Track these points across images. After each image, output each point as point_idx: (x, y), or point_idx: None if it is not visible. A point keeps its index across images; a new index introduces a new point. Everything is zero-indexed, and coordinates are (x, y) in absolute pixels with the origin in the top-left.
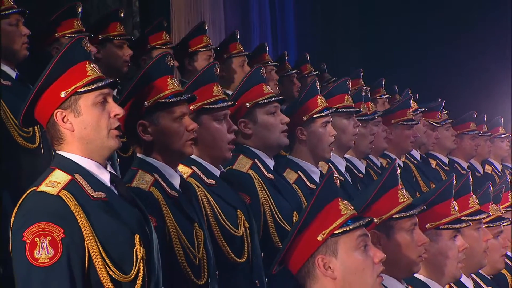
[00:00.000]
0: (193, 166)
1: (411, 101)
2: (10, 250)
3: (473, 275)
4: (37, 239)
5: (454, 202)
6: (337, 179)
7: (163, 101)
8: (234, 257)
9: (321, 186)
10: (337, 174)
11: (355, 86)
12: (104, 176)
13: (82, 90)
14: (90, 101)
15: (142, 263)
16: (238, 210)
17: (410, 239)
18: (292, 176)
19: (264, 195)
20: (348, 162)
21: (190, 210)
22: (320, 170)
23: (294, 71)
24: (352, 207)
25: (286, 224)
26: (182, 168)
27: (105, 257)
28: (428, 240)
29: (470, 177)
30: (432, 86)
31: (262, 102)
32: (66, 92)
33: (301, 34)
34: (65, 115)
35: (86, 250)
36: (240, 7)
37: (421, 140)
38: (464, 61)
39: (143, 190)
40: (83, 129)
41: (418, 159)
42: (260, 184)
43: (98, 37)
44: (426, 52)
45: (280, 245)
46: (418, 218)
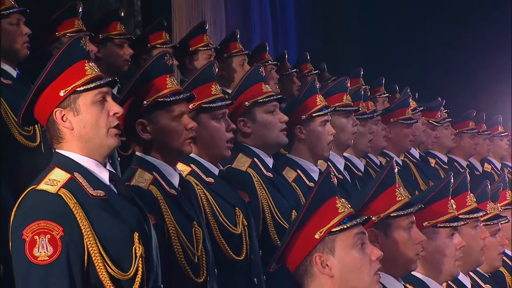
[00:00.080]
0: (192, 165)
1: (410, 100)
2: (10, 248)
3: (471, 273)
4: (36, 237)
5: (452, 200)
6: (334, 178)
7: (162, 100)
8: (233, 255)
9: (318, 184)
10: (335, 172)
11: (355, 85)
12: (103, 174)
13: (81, 89)
14: (89, 99)
15: (141, 261)
16: (237, 208)
17: (408, 237)
18: (291, 174)
19: (263, 194)
20: (347, 160)
21: (189, 208)
22: (319, 169)
23: (294, 70)
24: (349, 205)
25: (285, 222)
26: (181, 166)
27: (104, 255)
28: (425, 238)
29: (468, 175)
30: (432, 86)
31: (261, 101)
32: (65, 91)
33: (301, 34)
34: (64, 114)
35: (85, 248)
36: (241, 7)
37: (420, 139)
38: (464, 61)
39: (142, 189)
40: (82, 127)
41: (417, 158)
42: (259, 182)
43: (99, 36)
44: (426, 52)
45: (279, 243)
46: (416, 216)
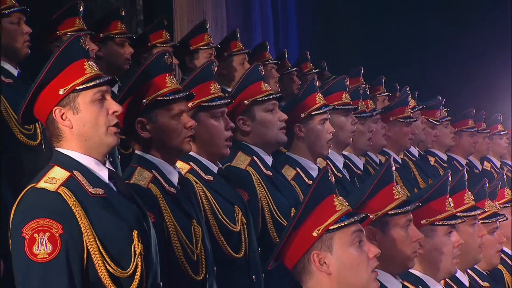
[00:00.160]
0: (191, 163)
1: (409, 98)
2: (10, 246)
3: (469, 271)
4: (36, 235)
5: (450, 198)
6: (332, 176)
7: (162, 98)
8: (232, 252)
9: (316, 182)
10: (334, 171)
11: (355, 84)
12: (102, 172)
13: (81, 87)
14: (89, 98)
15: (140, 259)
16: (236, 206)
17: (405, 235)
18: (290, 172)
19: (262, 192)
20: (346, 159)
21: (188, 206)
22: (318, 167)
23: (294, 69)
24: (347, 203)
25: (284, 220)
26: (180, 164)
27: (103, 252)
28: (422, 236)
29: (466, 173)
30: (432, 86)
31: (260, 99)
32: (65, 89)
33: (302, 33)
34: (63, 112)
35: (85, 246)
36: (242, 6)
37: (419, 137)
38: (464, 61)
39: (142, 187)
40: (82, 126)
41: (417, 156)
42: (258, 180)
43: (100, 35)
44: (426, 52)
45: (278, 241)
46: (414, 215)
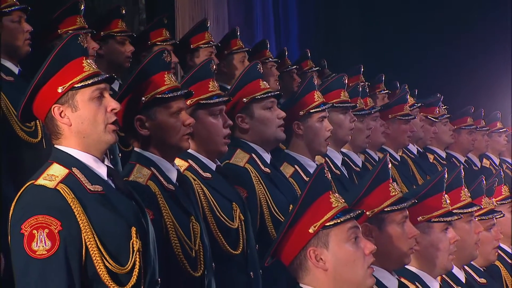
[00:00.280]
0: (189, 160)
1: (408, 96)
2: (9, 243)
3: (466, 267)
4: (35, 232)
5: (446, 195)
6: (328, 173)
7: (160, 96)
8: (230, 249)
9: (312, 179)
10: (333, 168)
11: (356, 82)
12: (101, 169)
13: (79, 85)
14: (87, 96)
15: (138, 255)
16: (234, 203)
17: (401, 232)
18: (289, 170)
19: (260, 189)
20: (345, 156)
21: (187, 203)
22: (316, 164)
23: (294, 67)
24: (343, 200)
25: (283, 217)
26: (178, 161)
27: (102, 249)
28: (418, 232)
29: (462, 170)
30: (432, 86)
31: (259, 97)
32: (63, 87)
33: (303, 31)
34: (62, 110)
35: (83, 243)
36: (243, 5)
37: (418, 134)
38: (464, 61)
39: (141, 184)
40: (80, 123)
41: (415, 154)
42: (257, 178)
43: (101, 33)
44: (426, 52)
45: None
46: (410, 211)
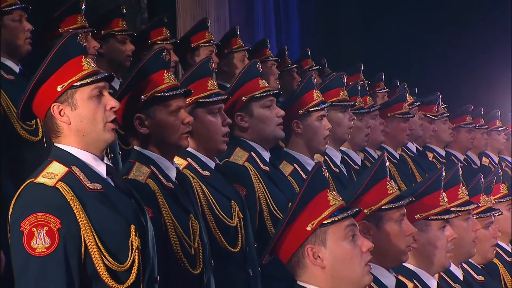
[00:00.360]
0: (188, 158)
1: (407, 94)
2: (9, 240)
3: (464, 265)
4: (34, 229)
5: (444, 193)
6: (325, 171)
7: (160, 95)
8: (228, 247)
9: (309, 177)
10: (332, 166)
11: (355, 81)
12: (100, 168)
13: (78, 84)
14: (86, 94)
15: (137, 253)
16: (232, 201)
17: (399, 229)
18: (288, 168)
19: (260, 187)
20: (344, 154)
21: (186, 201)
22: (315, 162)
23: (294, 66)
24: (340, 198)
25: (281, 215)
26: (177, 160)
27: (101, 247)
28: (416, 230)
29: (460, 168)
30: (432, 86)
31: (258, 96)
32: (62, 86)
33: (304, 30)
34: (61, 109)
35: (82, 240)
36: (244, 4)
37: (417, 133)
38: (464, 61)
39: (140, 182)
40: (80, 122)
41: (414, 152)
42: (256, 176)
43: (101, 32)
44: (426, 52)
45: None
46: (408, 209)
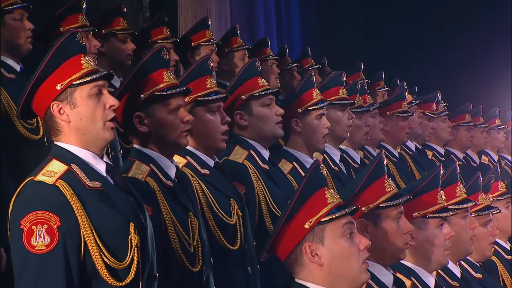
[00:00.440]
0: (187, 157)
1: (406, 93)
2: (9, 238)
3: (462, 262)
4: (34, 227)
5: (441, 191)
6: (323, 169)
7: (159, 93)
8: (227, 244)
9: (307, 175)
10: (331, 164)
11: (355, 79)
12: (100, 166)
13: (77, 82)
14: (85, 93)
15: (136, 251)
16: (232, 199)
17: (396, 227)
18: (287, 166)
19: (259, 185)
20: (343, 152)
21: (185, 199)
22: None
23: (294, 65)
24: (338, 196)
25: (281, 213)
26: (177, 158)
27: (100, 244)
28: (413, 228)
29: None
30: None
31: (257, 94)
32: (62, 84)
33: (305, 29)
34: (61, 107)
35: (82, 238)
36: (245, 3)
37: (416, 131)
38: (464, 61)
39: (139, 180)
40: (79, 120)
41: (413, 150)
42: (255, 174)
43: (102, 31)
44: (426, 52)
45: None
46: (406, 207)
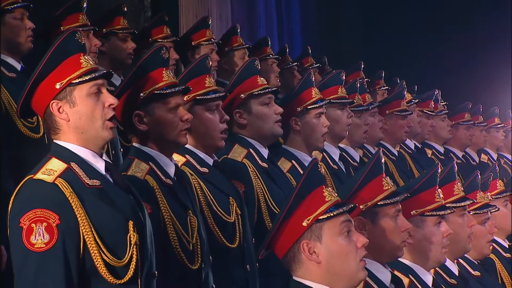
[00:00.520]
0: (187, 155)
1: (405, 92)
2: (8, 236)
3: (460, 260)
4: (33, 225)
5: (439, 189)
6: (322, 167)
7: (159, 92)
8: (226, 242)
9: (305, 174)
10: (330, 162)
11: (355, 78)
12: (99, 164)
13: (77, 81)
14: (85, 91)
15: (135, 249)
16: (230, 198)
17: (394, 225)
18: (286, 165)
19: (258, 184)
20: (342, 151)
21: (184, 197)
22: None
23: (294, 64)
24: (336, 194)
25: (280, 211)
26: (176, 157)
27: (99, 242)
28: (411, 226)
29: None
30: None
31: (256, 93)
32: (61, 83)
33: (306, 28)
34: (60, 106)
35: (81, 236)
36: (246, 2)
37: (415, 130)
38: (464, 61)
39: (139, 178)
40: (78, 119)
41: (412, 149)
42: (254, 172)
43: (103, 30)
44: (426, 52)
45: None
46: (404, 206)
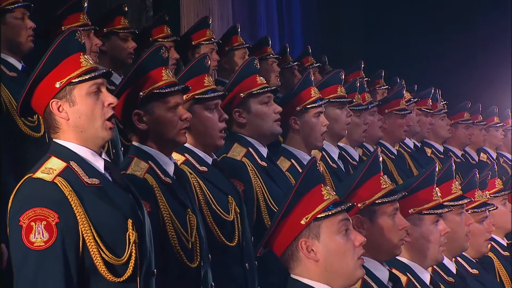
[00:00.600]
0: (186, 154)
1: (405, 91)
2: (8, 235)
3: (458, 258)
4: (33, 224)
5: (437, 188)
6: (320, 166)
7: (158, 91)
8: (225, 241)
9: (304, 172)
10: (329, 161)
11: (355, 78)
12: (98, 163)
13: (76, 80)
14: (84, 91)
15: (134, 247)
16: (229, 196)
17: (392, 223)
18: (285, 164)
19: (257, 182)
20: (342, 150)
21: (183, 196)
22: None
23: (295, 63)
24: (334, 193)
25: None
26: (175, 155)
27: (98, 241)
28: (408, 224)
29: (453, 164)
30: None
31: (255, 92)
32: (61, 82)
33: (307, 28)
34: (60, 105)
35: (80, 234)
36: (247, 2)
37: (414, 129)
38: (464, 61)
39: (138, 177)
40: (78, 118)
41: (412, 148)
42: (253, 171)
43: (103, 30)
44: (426, 51)
45: None
46: (402, 204)
